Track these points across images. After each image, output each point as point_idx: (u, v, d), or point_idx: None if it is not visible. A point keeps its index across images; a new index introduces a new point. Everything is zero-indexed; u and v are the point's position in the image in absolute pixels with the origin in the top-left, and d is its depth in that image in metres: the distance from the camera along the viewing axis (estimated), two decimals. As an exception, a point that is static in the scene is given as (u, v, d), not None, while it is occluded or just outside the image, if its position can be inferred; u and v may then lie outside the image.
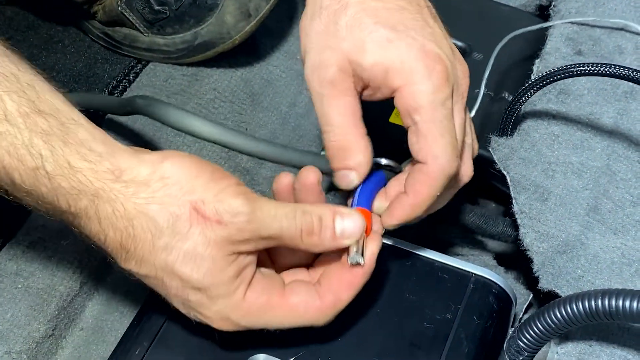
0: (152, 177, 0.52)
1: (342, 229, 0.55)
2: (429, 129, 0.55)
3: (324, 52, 0.57)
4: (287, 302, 0.55)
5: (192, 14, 0.77)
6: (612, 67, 0.62)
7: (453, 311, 0.62)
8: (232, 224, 0.52)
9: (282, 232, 0.54)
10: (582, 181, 0.66)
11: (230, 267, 0.53)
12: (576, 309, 0.54)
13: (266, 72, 0.85)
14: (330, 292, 0.56)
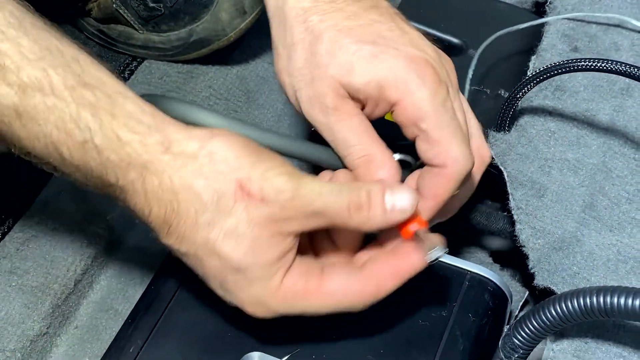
0: (201, 152, 0.51)
1: (392, 204, 0.53)
2: (440, 135, 0.55)
3: (314, 85, 0.56)
4: (324, 288, 0.54)
5: (187, 11, 0.77)
6: (608, 62, 0.62)
7: (448, 308, 0.62)
8: (275, 202, 0.51)
9: (328, 208, 0.52)
10: (578, 178, 0.66)
11: (272, 249, 0.52)
12: (571, 307, 0.54)
13: (262, 70, 0.85)
14: (374, 277, 0.54)
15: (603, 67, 0.62)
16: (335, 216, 0.52)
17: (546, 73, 0.63)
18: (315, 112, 0.57)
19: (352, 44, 0.55)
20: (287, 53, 0.58)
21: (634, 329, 0.59)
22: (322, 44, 0.56)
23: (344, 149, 0.57)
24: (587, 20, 0.76)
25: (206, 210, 0.51)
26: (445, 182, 0.56)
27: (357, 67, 0.55)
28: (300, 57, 0.57)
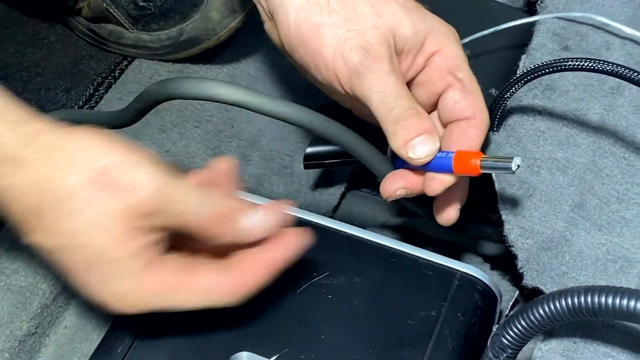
0: (67, 144, 0.50)
1: (250, 225, 0.54)
2: (474, 85, 0.60)
3: (367, 34, 0.57)
4: (196, 283, 0.53)
5: (177, 10, 0.77)
6: (597, 62, 0.62)
7: (438, 308, 0.62)
8: (142, 192, 0.50)
9: (190, 210, 0.52)
10: (568, 177, 0.66)
11: (135, 242, 0.51)
12: (559, 306, 0.54)
13: (253, 69, 0.85)
14: (245, 273, 0.54)
15: (592, 66, 0.62)
16: (199, 221, 0.52)
17: (534, 72, 0.63)
18: (369, 60, 0.57)
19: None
20: (328, 7, 0.58)
21: (622, 328, 0.59)
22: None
23: (394, 100, 0.57)
24: (578, 20, 0.76)
25: (70, 201, 0.50)
26: (476, 135, 0.59)
27: (407, 18, 0.58)
28: (345, 9, 0.57)
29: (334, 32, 0.57)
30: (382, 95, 0.57)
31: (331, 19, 0.57)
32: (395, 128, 0.57)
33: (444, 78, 0.59)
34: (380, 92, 0.57)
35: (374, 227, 0.79)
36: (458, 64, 0.59)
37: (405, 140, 0.57)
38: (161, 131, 0.77)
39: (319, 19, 0.58)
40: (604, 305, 0.52)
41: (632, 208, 0.65)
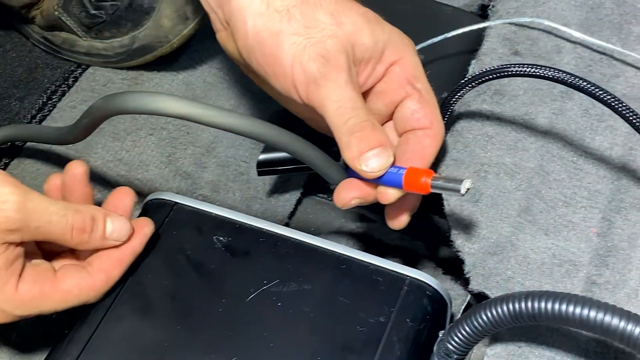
0: None
1: (111, 230, 0.58)
2: (431, 95, 0.60)
3: (326, 42, 0.57)
4: (60, 288, 0.57)
5: (129, 17, 0.77)
6: (543, 68, 0.62)
7: (386, 314, 0.62)
8: (0, 212, 0.53)
9: (51, 227, 0.55)
10: (515, 182, 0.66)
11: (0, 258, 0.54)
12: (501, 312, 0.54)
13: (209, 75, 0.85)
14: (102, 271, 0.58)
15: (537, 73, 0.62)
16: (58, 235, 0.56)
17: (480, 78, 0.64)
18: (328, 69, 0.57)
19: (358, 6, 0.59)
20: (287, 14, 0.58)
21: (567, 332, 0.59)
22: (329, 3, 0.58)
23: (350, 110, 0.57)
24: (529, 25, 0.76)
25: None
26: (432, 143, 0.59)
27: (367, 28, 0.58)
28: (306, 16, 0.57)
29: (293, 39, 0.57)
30: (338, 104, 0.57)
31: (291, 27, 0.57)
32: (349, 139, 0.57)
33: (402, 88, 0.59)
34: (337, 101, 0.57)
35: (330, 232, 0.79)
36: (416, 74, 0.60)
37: (359, 152, 0.57)
38: (114, 139, 0.77)
39: (278, 26, 0.58)
40: (544, 310, 0.52)
41: (578, 212, 0.65)
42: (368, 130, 0.56)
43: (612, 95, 0.59)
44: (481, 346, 0.62)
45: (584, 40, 0.74)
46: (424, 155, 0.59)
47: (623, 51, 0.74)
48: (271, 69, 0.59)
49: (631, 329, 0.49)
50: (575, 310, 0.51)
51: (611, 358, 0.58)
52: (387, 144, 0.57)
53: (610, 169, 0.68)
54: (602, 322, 0.50)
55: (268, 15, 0.58)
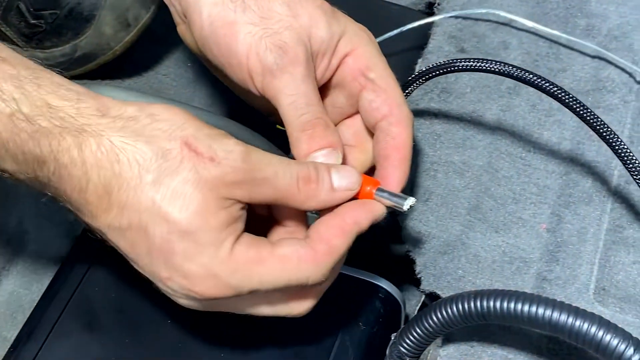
0: (141, 114, 0.49)
1: (339, 181, 0.53)
2: (388, 82, 0.58)
3: (284, 34, 0.55)
4: (277, 253, 0.51)
5: (69, 26, 0.75)
6: (488, 62, 0.61)
7: (339, 318, 0.61)
8: (226, 162, 0.48)
9: (277, 177, 0.50)
10: (464, 180, 0.66)
11: (222, 213, 0.49)
12: (451, 312, 0.53)
13: (155, 81, 0.84)
14: (321, 240, 0.52)
15: (482, 66, 0.61)
16: (284, 187, 0.51)
17: (425, 75, 0.63)
18: (285, 62, 0.55)
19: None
20: (242, 4, 0.56)
21: (519, 330, 0.59)
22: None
23: (303, 106, 0.55)
24: (474, 17, 0.76)
25: (151, 169, 0.48)
26: (400, 130, 0.56)
27: (322, 20, 0.57)
28: (262, 7, 0.56)
29: (249, 29, 0.56)
30: (293, 99, 0.55)
31: (246, 16, 0.56)
32: (299, 135, 0.56)
33: (356, 80, 0.58)
34: (292, 95, 0.55)
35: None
36: (370, 64, 0.58)
37: (308, 150, 0.55)
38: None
39: (233, 16, 0.56)
40: (493, 309, 0.52)
41: (528, 208, 0.65)
42: (319, 129, 0.55)
43: (559, 88, 0.59)
44: (434, 347, 0.62)
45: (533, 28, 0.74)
46: (397, 146, 0.56)
47: (569, 45, 0.75)
48: (226, 60, 0.58)
49: (579, 325, 0.49)
50: (524, 308, 0.51)
51: (564, 354, 0.58)
52: (338, 145, 0.56)
53: (558, 164, 0.68)
54: (550, 319, 0.50)
55: (223, 4, 0.57)
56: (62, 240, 0.71)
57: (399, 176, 0.56)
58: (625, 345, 0.48)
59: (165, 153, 0.48)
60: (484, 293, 0.53)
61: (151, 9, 0.77)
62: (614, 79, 0.72)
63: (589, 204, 0.65)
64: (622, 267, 0.62)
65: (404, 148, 0.56)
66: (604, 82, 0.72)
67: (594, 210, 0.65)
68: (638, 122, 0.70)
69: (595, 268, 0.62)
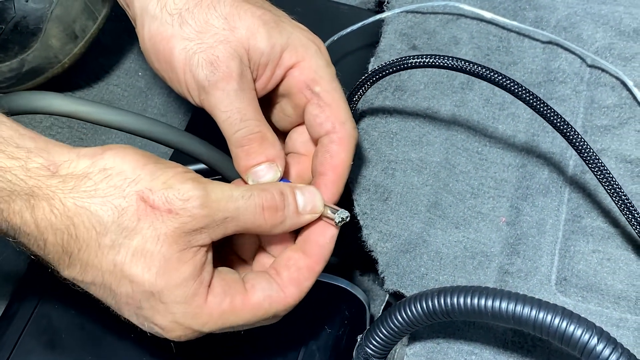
0: (92, 170, 0.48)
1: (304, 204, 0.53)
2: (333, 97, 0.57)
3: (218, 48, 0.55)
4: (251, 302, 0.52)
5: (15, 40, 0.74)
6: (440, 58, 0.61)
7: (304, 323, 0.61)
8: (184, 211, 0.48)
9: (239, 214, 0.50)
10: (422, 177, 0.66)
11: (186, 267, 0.49)
12: (415, 311, 0.53)
13: (107, 92, 0.83)
14: (292, 282, 0.53)
15: (434, 62, 0.61)
16: (248, 221, 0.51)
17: (378, 73, 0.63)
18: (217, 77, 0.54)
19: (256, 8, 0.56)
20: (180, 18, 0.55)
21: (484, 325, 0.59)
22: (223, 7, 0.56)
23: (238, 122, 0.55)
24: (423, 11, 0.76)
25: (108, 232, 0.48)
26: (339, 150, 0.56)
27: (262, 31, 0.56)
28: (199, 20, 0.55)
29: (184, 44, 0.55)
30: (227, 115, 0.55)
31: (183, 31, 0.55)
32: (237, 151, 0.55)
33: (302, 92, 0.57)
34: (225, 112, 0.55)
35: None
36: (315, 77, 0.57)
37: (246, 167, 0.55)
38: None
39: (170, 31, 0.56)
40: (457, 306, 0.52)
41: (487, 202, 0.65)
42: (255, 145, 0.55)
43: (512, 81, 0.59)
44: (401, 346, 0.62)
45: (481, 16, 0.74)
46: (334, 165, 0.56)
47: (520, 38, 0.75)
48: (167, 74, 0.57)
49: (543, 317, 0.49)
50: (487, 303, 0.51)
51: (529, 347, 0.58)
52: (276, 158, 0.55)
53: (514, 157, 0.68)
54: (513, 313, 0.50)
55: (161, 18, 0.56)
56: (18, 257, 0.70)
57: (330, 196, 0.56)
58: (589, 335, 0.48)
59: (122, 213, 0.48)
60: (447, 290, 0.53)
61: (98, 20, 0.76)
62: (565, 69, 0.72)
63: (546, 195, 0.65)
64: (582, 257, 0.62)
65: (340, 167, 0.56)
66: (555, 74, 0.72)
67: (552, 201, 0.65)
68: (590, 112, 0.70)
69: (555, 259, 0.62)
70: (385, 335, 0.55)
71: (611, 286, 0.61)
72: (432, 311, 0.53)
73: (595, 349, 0.48)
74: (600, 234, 0.63)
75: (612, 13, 0.76)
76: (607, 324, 0.59)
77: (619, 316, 0.59)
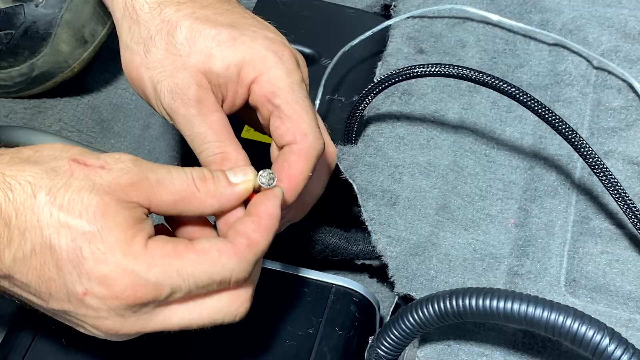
0: (24, 149, 0.50)
1: (234, 176, 0.52)
2: (293, 109, 0.56)
3: (176, 76, 0.56)
4: (196, 247, 0.49)
5: (25, 45, 0.75)
6: (448, 67, 0.62)
7: (315, 325, 0.61)
8: (117, 167, 0.49)
9: (172, 178, 0.50)
10: (430, 180, 0.66)
11: (124, 212, 0.48)
12: (427, 313, 0.54)
13: (115, 97, 0.83)
14: (240, 235, 0.51)
15: (442, 71, 0.62)
16: (181, 187, 0.50)
17: (386, 82, 0.63)
18: (177, 104, 0.55)
19: (211, 29, 0.56)
20: (144, 47, 0.57)
21: (495, 327, 0.60)
22: (180, 32, 0.56)
23: (199, 144, 0.55)
24: (430, 15, 0.76)
25: (43, 185, 0.47)
26: (297, 160, 0.55)
27: (216, 53, 0.56)
28: (160, 47, 0.56)
29: (149, 73, 0.56)
30: (190, 138, 0.56)
31: (148, 59, 0.56)
32: None
33: (264, 106, 0.57)
34: (188, 136, 0.56)
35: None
36: (275, 90, 0.56)
37: None
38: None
39: (138, 60, 0.57)
40: (468, 307, 0.52)
41: (495, 204, 0.66)
42: (216, 165, 0.55)
43: (516, 88, 0.60)
44: (412, 348, 0.62)
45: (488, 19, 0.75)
46: (290, 175, 0.55)
47: (526, 40, 0.76)
48: (145, 99, 0.59)
49: (555, 318, 0.50)
50: (499, 305, 0.51)
51: (539, 347, 0.59)
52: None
53: (522, 159, 0.68)
54: (526, 314, 0.50)
55: (131, 48, 0.58)
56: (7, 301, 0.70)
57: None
58: (600, 336, 0.49)
59: (55, 169, 0.48)
60: (459, 292, 0.53)
61: (107, 25, 0.77)
62: (571, 72, 0.73)
63: (554, 197, 0.66)
64: (591, 258, 0.63)
65: (296, 177, 0.56)
66: (562, 76, 0.73)
67: (560, 203, 0.65)
68: (597, 114, 0.71)
69: (564, 260, 0.63)
70: (397, 337, 0.56)
71: (620, 287, 0.61)
72: (444, 313, 0.53)
73: (607, 349, 0.49)
74: (609, 236, 0.64)
75: (617, 16, 0.77)
76: (616, 324, 0.59)
77: (628, 317, 0.60)
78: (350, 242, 0.68)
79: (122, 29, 0.59)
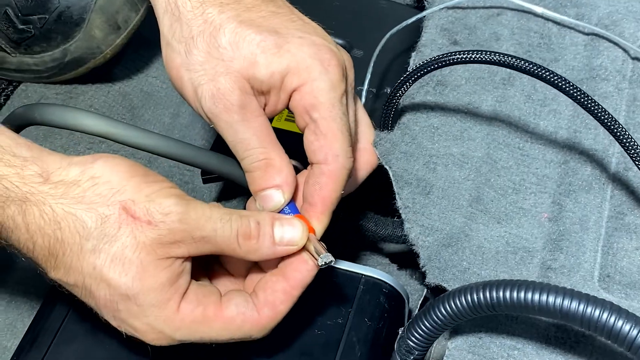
0: (82, 177, 0.50)
1: (281, 236, 0.54)
2: (329, 127, 0.55)
3: (219, 80, 0.55)
4: (223, 314, 0.53)
5: (59, 30, 0.75)
6: (484, 53, 0.61)
7: (344, 315, 0.61)
8: (162, 224, 0.50)
9: (216, 235, 0.52)
10: (464, 172, 0.66)
11: (162, 273, 0.51)
12: (459, 304, 0.53)
13: (146, 84, 0.83)
14: (267, 304, 0.54)
15: (479, 58, 0.61)
16: (223, 244, 0.52)
17: (423, 69, 0.63)
18: (219, 109, 0.55)
19: (256, 34, 0.55)
20: (185, 47, 0.56)
21: (526, 320, 0.59)
22: (224, 35, 0.55)
23: (243, 151, 0.55)
24: (463, 6, 0.76)
25: (90, 237, 0.50)
26: (328, 182, 0.56)
27: (261, 60, 0.55)
28: (201, 50, 0.55)
29: (189, 75, 0.56)
30: (233, 144, 0.56)
31: (188, 61, 0.56)
32: (247, 176, 0.57)
33: (301, 116, 0.56)
34: (231, 142, 0.56)
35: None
36: (315, 103, 0.55)
37: (254, 190, 0.57)
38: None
39: (179, 60, 0.56)
40: (502, 299, 0.52)
41: (528, 198, 0.65)
42: (259, 172, 0.55)
43: (558, 76, 0.59)
44: (442, 340, 0.62)
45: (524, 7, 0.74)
46: (323, 197, 0.56)
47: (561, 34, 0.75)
48: (185, 99, 0.58)
49: (591, 312, 0.49)
50: (534, 297, 0.51)
51: (572, 342, 0.58)
52: (282, 184, 0.56)
53: (556, 153, 0.68)
54: (561, 307, 0.50)
55: (172, 46, 0.57)
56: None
57: (319, 228, 0.56)
58: (637, 330, 0.48)
59: (104, 220, 0.50)
60: (492, 283, 0.53)
61: (140, 12, 0.77)
62: (607, 66, 0.72)
63: (589, 192, 0.65)
64: (626, 254, 0.62)
65: (328, 199, 0.56)
66: (597, 71, 0.72)
67: (595, 198, 0.65)
68: (633, 110, 0.70)
69: (598, 255, 0.62)
70: (428, 328, 0.55)
71: (655, 284, 0.61)
72: (477, 304, 0.53)
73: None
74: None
75: (654, 11, 0.76)
76: (650, 321, 0.58)
77: (663, 314, 0.59)
78: (378, 225, 0.67)
79: (164, 24, 0.57)
